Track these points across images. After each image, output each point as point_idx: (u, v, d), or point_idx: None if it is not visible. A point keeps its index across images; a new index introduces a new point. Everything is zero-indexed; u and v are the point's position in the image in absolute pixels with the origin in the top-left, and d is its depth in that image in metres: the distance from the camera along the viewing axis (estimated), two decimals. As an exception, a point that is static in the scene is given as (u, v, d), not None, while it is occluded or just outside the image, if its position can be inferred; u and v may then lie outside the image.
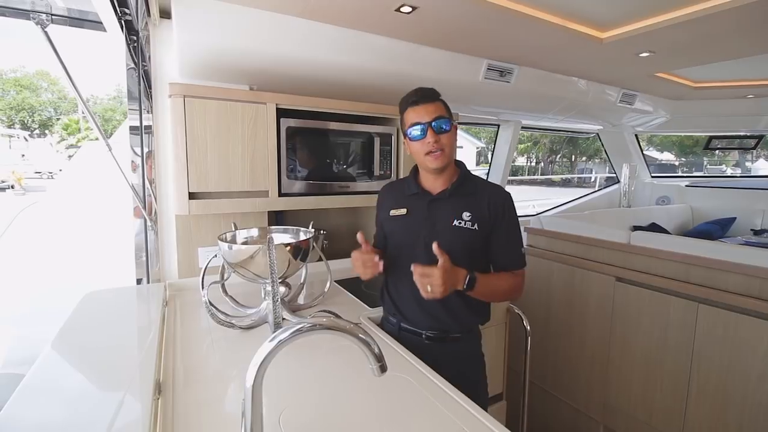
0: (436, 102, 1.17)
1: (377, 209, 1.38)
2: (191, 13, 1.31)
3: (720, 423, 1.64)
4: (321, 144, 1.70)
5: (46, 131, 20.00)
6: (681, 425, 1.75)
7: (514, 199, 1.23)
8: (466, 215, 1.18)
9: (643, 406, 1.89)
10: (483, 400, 1.31)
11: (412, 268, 1.06)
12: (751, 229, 3.10)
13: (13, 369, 1.43)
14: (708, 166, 17.61)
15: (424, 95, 1.17)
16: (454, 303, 1.20)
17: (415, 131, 1.16)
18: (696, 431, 1.71)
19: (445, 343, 1.23)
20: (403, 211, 1.26)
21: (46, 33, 1.24)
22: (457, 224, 1.17)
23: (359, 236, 1.18)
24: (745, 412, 1.57)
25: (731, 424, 1.61)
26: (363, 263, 1.16)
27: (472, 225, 1.17)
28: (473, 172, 1.28)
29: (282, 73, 1.62)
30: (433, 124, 1.14)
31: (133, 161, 1.58)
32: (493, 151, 3.29)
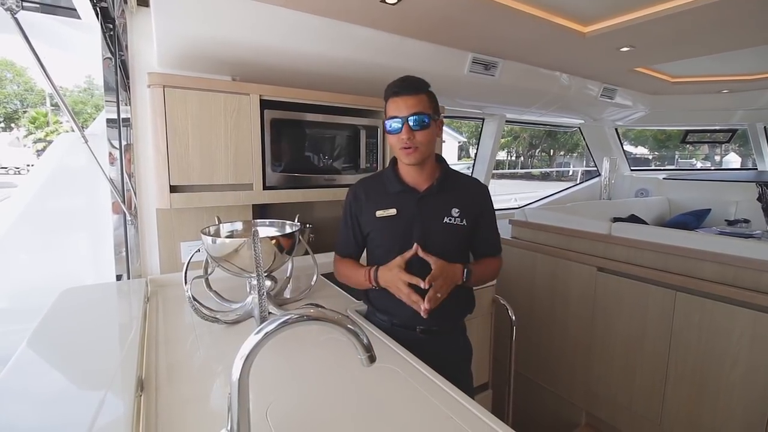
0: (420, 94, 1.10)
1: (350, 209, 1.27)
2: (170, 0, 1.26)
3: (696, 405, 1.70)
4: (306, 136, 1.68)
5: (12, 125, 19.07)
6: (660, 408, 1.81)
7: (494, 192, 1.28)
8: (455, 211, 1.16)
9: (624, 392, 1.95)
10: (471, 389, 1.35)
11: (418, 298, 1.06)
12: (725, 220, 3.21)
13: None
14: (679, 160, 18.26)
15: (407, 86, 1.10)
16: (444, 299, 1.16)
17: (392, 124, 1.11)
18: (674, 414, 1.77)
19: (440, 336, 1.22)
20: (393, 211, 1.18)
21: (16, 19, 1.18)
22: (447, 221, 1.15)
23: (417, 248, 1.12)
24: (720, 395, 1.63)
25: (706, 407, 1.67)
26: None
27: (461, 221, 1.16)
28: (455, 167, 1.27)
29: (265, 64, 1.59)
30: (409, 119, 1.08)
31: (111, 154, 1.53)
32: (477, 145, 3.31)
